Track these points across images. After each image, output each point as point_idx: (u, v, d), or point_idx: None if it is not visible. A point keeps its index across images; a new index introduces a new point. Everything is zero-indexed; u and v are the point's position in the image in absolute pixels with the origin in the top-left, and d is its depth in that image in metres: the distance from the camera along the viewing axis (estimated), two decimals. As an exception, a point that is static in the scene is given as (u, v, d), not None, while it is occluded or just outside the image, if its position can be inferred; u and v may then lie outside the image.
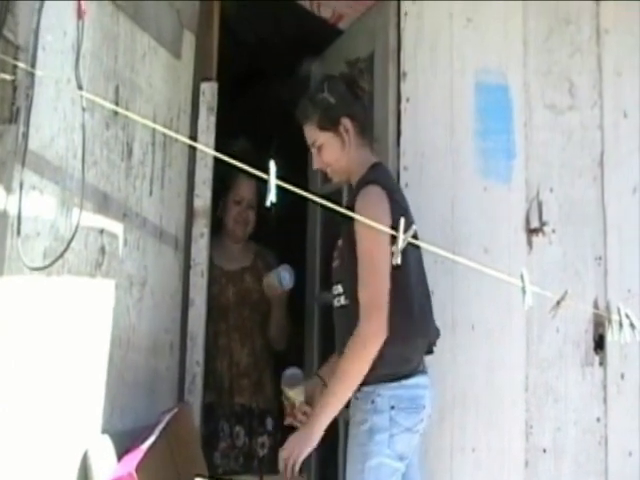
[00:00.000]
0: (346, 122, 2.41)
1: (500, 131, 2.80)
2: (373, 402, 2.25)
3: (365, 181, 2.33)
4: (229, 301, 3.23)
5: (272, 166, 1.75)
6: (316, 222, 3.32)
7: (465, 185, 2.79)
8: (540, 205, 2.74)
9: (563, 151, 2.75)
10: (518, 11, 2.81)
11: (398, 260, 1.93)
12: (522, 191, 2.77)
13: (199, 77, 2.97)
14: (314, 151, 2.46)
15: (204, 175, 2.92)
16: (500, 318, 2.70)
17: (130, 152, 2.41)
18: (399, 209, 2.26)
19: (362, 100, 2.50)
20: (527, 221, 2.75)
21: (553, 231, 2.72)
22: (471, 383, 2.66)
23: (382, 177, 2.39)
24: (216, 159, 2.50)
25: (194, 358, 2.90)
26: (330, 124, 2.41)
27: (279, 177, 1.59)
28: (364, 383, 2.29)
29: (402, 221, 1.90)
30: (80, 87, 1.89)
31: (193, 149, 2.88)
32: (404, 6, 2.83)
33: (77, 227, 1.94)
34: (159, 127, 2.44)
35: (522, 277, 1.70)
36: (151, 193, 2.59)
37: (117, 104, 2.29)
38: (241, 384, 3.22)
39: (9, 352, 1.84)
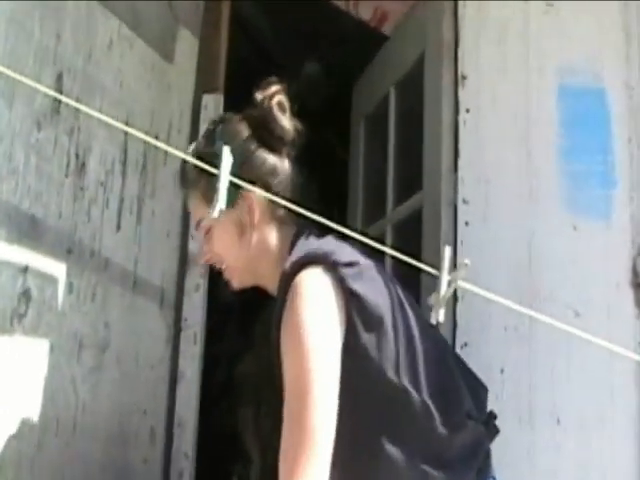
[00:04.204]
0: (249, 197, 1.44)
1: (594, 150, 2.06)
2: None
3: (290, 272, 1.35)
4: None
5: (226, 153, 1.11)
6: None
7: (547, 223, 2.04)
8: (652, 250, 1.98)
9: (683, 175, 2.00)
10: (615, -9, 2.10)
11: (440, 317, 1.26)
12: (626, 231, 2.01)
13: (201, 88, 2.35)
14: (198, 234, 1.56)
15: (202, 210, 2.26)
16: (598, 407, 1.91)
17: (82, 167, 1.77)
18: (367, 288, 1.37)
19: (282, 149, 1.51)
20: (634, 272, 1.98)
21: (672, 285, 1.95)
22: (558, 502, 1.87)
23: (316, 247, 1.40)
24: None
25: (182, 449, 2.20)
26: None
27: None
28: None
29: (447, 250, 1.22)
30: None
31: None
32: (463, -11, 2.17)
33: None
34: (130, 129, 1.80)
35: None
36: (119, 227, 1.94)
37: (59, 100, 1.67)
38: None
39: None
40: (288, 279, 1.33)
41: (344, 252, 1.39)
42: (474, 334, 1.95)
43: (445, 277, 1.27)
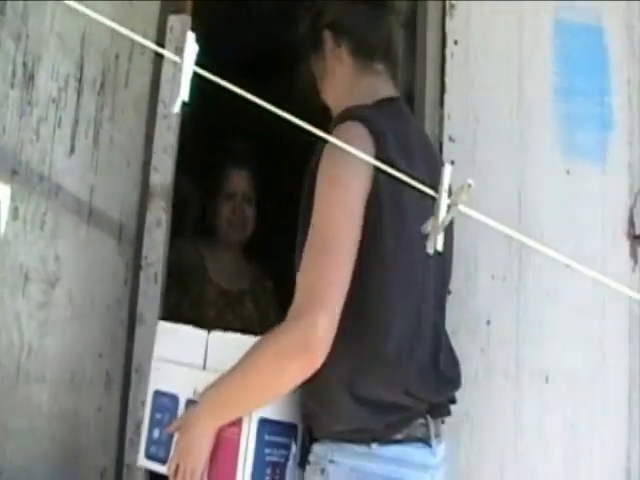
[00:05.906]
0: (327, 36, 1.58)
1: (591, 90, 1.94)
2: (323, 472, 1.35)
3: (342, 117, 1.44)
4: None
5: (190, 41, 0.96)
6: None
7: (538, 166, 1.91)
8: (651, 198, 1.86)
9: (686, 119, 1.87)
10: None
11: (439, 245, 1.11)
12: (623, 177, 1.91)
13: (167, 9, 2.15)
14: None
15: (166, 140, 2.06)
16: (589, 364, 1.80)
17: (30, 79, 1.58)
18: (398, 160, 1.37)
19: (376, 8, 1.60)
20: (631, 222, 1.88)
21: (670, 237, 1.83)
22: (544, 461, 1.75)
23: (374, 114, 1.44)
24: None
25: (139, 397, 2.03)
26: (312, 38, 1.61)
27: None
28: (316, 438, 1.40)
29: (447, 169, 1.07)
30: None
31: (152, 101, 2.06)
32: None
33: None
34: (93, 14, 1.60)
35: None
36: (72, 151, 1.75)
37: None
38: None
39: None
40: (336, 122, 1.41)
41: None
42: (459, 282, 1.80)
43: (444, 200, 1.12)
